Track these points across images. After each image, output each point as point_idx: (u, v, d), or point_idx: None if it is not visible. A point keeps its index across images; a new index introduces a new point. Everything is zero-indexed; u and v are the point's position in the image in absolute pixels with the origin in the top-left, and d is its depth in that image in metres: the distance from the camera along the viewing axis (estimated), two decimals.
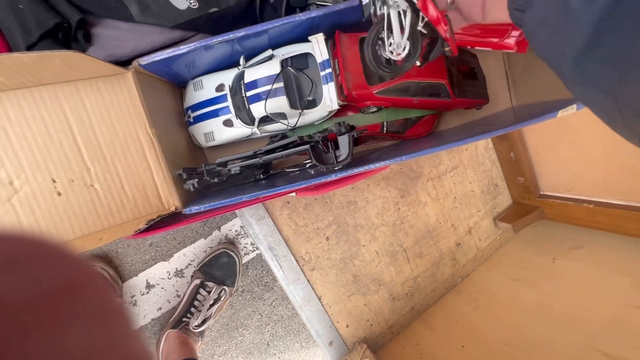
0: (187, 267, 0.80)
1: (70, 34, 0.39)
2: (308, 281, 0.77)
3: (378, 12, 0.37)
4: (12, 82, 0.36)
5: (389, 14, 0.36)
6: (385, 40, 0.37)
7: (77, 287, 0.12)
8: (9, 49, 0.37)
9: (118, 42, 0.42)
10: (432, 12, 0.35)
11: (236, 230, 0.83)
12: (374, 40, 0.38)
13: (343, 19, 0.47)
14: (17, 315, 0.09)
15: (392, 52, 0.37)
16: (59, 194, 0.40)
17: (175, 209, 0.45)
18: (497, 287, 0.87)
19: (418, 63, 0.38)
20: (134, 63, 0.42)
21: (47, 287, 0.11)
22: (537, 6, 0.27)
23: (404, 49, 0.36)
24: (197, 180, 0.45)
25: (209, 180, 0.47)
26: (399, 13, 0.36)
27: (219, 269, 0.77)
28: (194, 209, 0.45)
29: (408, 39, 0.36)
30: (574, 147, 0.81)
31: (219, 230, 0.82)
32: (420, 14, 0.35)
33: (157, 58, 0.42)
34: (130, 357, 0.12)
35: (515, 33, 0.38)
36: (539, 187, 0.94)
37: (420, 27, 0.35)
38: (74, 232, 0.40)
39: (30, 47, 0.37)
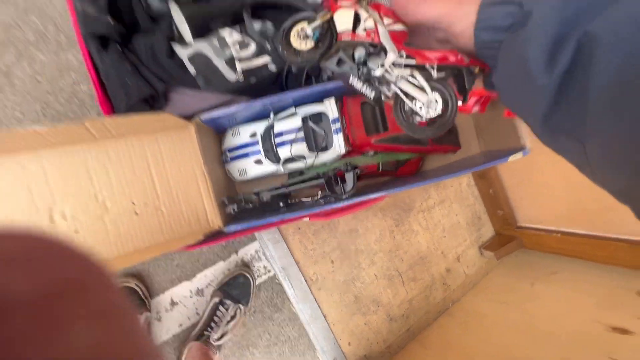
0: (207, 286, 0.90)
1: (155, 98, 0.54)
2: (315, 300, 0.86)
3: (389, 94, 0.38)
4: (117, 132, 0.50)
5: (400, 88, 0.36)
6: (415, 107, 0.37)
7: (80, 286, 0.11)
8: (113, 110, 0.53)
9: (184, 104, 0.58)
10: (435, 55, 0.34)
11: (251, 255, 0.94)
12: (403, 116, 0.38)
13: (349, 89, 0.64)
14: (17, 318, 0.09)
15: (428, 112, 0.37)
16: (136, 213, 0.53)
17: (219, 228, 0.58)
18: (485, 310, 0.97)
19: (460, 102, 0.37)
20: (196, 118, 0.57)
21: (49, 286, 0.10)
22: (501, 70, 0.28)
23: (436, 101, 0.36)
24: (236, 205, 0.59)
25: (244, 206, 0.60)
26: (407, 80, 0.36)
27: (236, 288, 0.87)
28: (233, 228, 0.58)
29: (433, 91, 0.35)
30: (540, 185, 0.96)
31: (237, 254, 0.93)
32: (427, 65, 0.35)
33: (216, 115, 0.57)
34: (136, 355, 0.12)
35: (473, 99, 0.42)
36: (517, 220, 1.07)
37: (435, 75, 0.35)
38: (143, 242, 0.53)
39: (128, 109, 0.52)
